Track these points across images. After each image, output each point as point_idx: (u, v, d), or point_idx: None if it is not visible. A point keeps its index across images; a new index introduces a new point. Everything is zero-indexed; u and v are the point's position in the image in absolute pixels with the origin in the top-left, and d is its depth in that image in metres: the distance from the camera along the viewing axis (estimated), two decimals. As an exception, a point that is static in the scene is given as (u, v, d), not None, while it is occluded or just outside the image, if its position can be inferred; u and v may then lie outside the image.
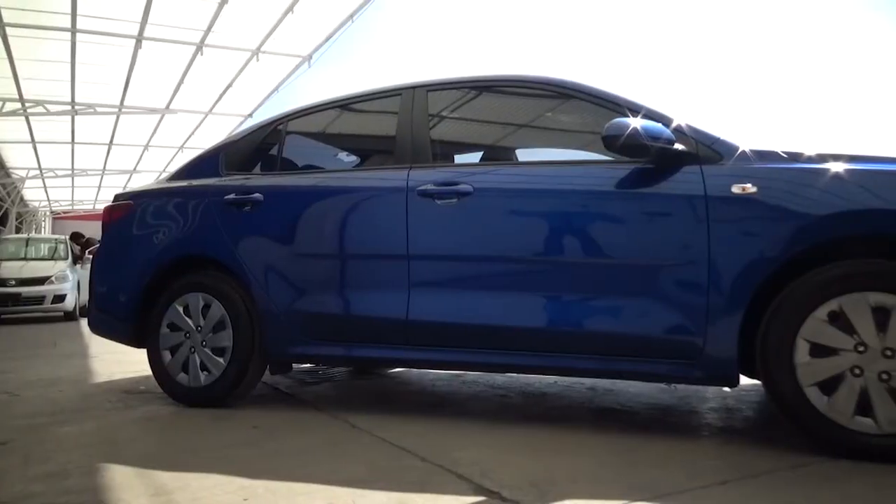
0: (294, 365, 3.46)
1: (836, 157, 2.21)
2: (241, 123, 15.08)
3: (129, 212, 3.45)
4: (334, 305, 2.89)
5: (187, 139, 16.97)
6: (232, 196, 3.15)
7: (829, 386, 2.08)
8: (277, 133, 3.38)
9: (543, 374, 3.58)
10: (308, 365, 4.20)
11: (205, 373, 3.06)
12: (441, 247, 2.71)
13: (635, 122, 2.35)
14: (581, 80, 2.70)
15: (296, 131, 3.42)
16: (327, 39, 11.30)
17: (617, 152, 2.40)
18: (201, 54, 11.15)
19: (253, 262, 3.05)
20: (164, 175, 4.08)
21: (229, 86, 13.07)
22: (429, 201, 2.71)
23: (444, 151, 3.12)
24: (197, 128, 16.00)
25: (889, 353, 2.02)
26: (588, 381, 3.56)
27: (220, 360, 3.03)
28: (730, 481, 1.89)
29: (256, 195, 3.10)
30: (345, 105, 3.36)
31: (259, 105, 14.65)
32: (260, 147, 3.45)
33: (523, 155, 3.08)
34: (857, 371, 2.05)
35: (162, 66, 11.68)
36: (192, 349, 3.09)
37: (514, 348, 2.58)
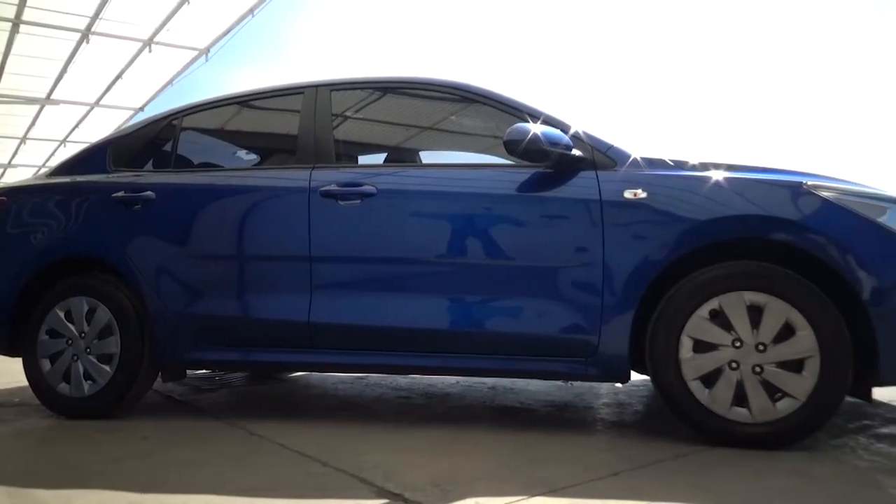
0: (188, 371, 3.31)
1: (717, 166, 2.38)
2: (132, 117, 14.28)
3: (2, 209, 3.18)
4: (233, 308, 2.79)
5: (70, 132, 15.87)
6: (121, 194, 2.98)
7: (710, 379, 2.24)
8: (172, 128, 3.22)
9: (446, 375, 3.62)
10: (203, 371, 4.04)
11: (89, 382, 2.87)
12: (344, 248, 2.68)
13: (536, 128, 2.42)
14: (484, 85, 2.75)
15: (192, 127, 3.27)
16: (226, 33, 10.92)
17: (518, 157, 2.47)
18: (87, 42, 10.47)
19: (144, 264, 2.89)
20: (44, 170, 3.79)
21: (118, 77, 12.35)
22: (332, 202, 2.68)
23: (348, 152, 3.09)
24: (82, 120, 15.00)
25: (762, 347, 2.19)
26: (489, 381, 3.63)
27: (107, 367, 2.85)
28: (621, 472, 1.98)
29: (148, 193, 2.94)
30: (244, 102, 3.25)
31: (151, 98, 13.94)
32: (152, 142, 3.28)
33: (427, 157, 3.10)
34: (734, 365, 2.21)
35: (43, 53, 10.86)
36: (75, 357, 2.89)
37: (418, 350, 2.59)
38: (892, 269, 2.19)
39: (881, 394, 2.87)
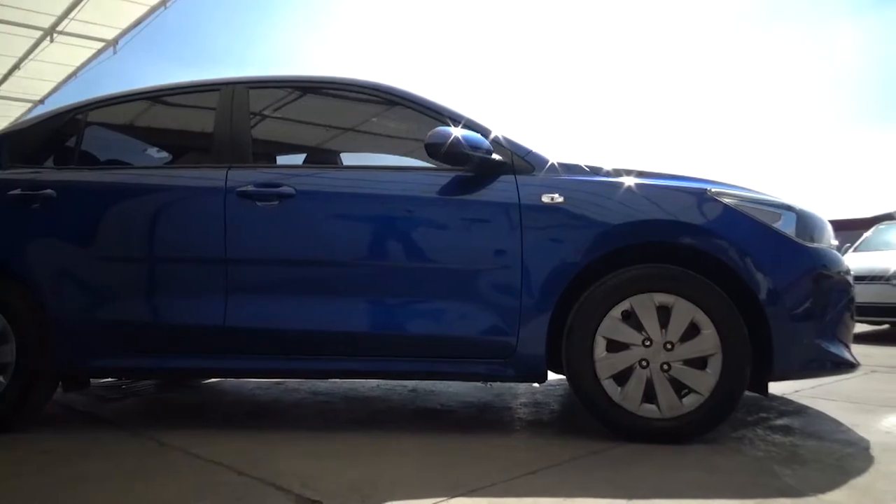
0: (92, 380, 3.14)
1: (629, 172, 2.49)
2: (31, 110, 13.40)
3: None
4: (142, 313, 2.66)
5: (-39, 124, 14.74)
6: (18, 191, 2.79)
7: (622, 377, 2.33)
8: (76, 123, 3.04)
9: (367, 379, 3.59)
10: (108, 380, 3.83)
11: (-20, 393, 2.66)
12: (261, 250, 2.61)
13: (457, 132, 2.45)
14: (406, 87, 2.75)
15: (98, 122, 3.10)
16: (136, 25, 10.42)
17: (439, 160, 2.49)
18: (-19, 29, 9.76)
19: (44, 267, 2.71)
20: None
21: (16, 66, 11.56)
22: (248, 203, 2.60)
23: (266, 152, 3.03)
24: (-26, 111, 13.96)
25: (669, 346, 2.30)
26: (410, 383, 3.63)
27: (1, 378, 2.66)
28: (539, 470, 2.03)
29: (48, 191, 2.77)
30: (156, 97, 3.12)
31: (53, 91, 13.13)
32: (54, 137, 3.09)
33: (348, 159, 3.08)
34: (644, 363, 2.31)
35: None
36: (-36, 367, 2.68)
37: (337, 353, 2.56)
38: (785, 272, 2.35)
39: (776, 388, 3.07)
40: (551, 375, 2.53)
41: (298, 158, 3.16)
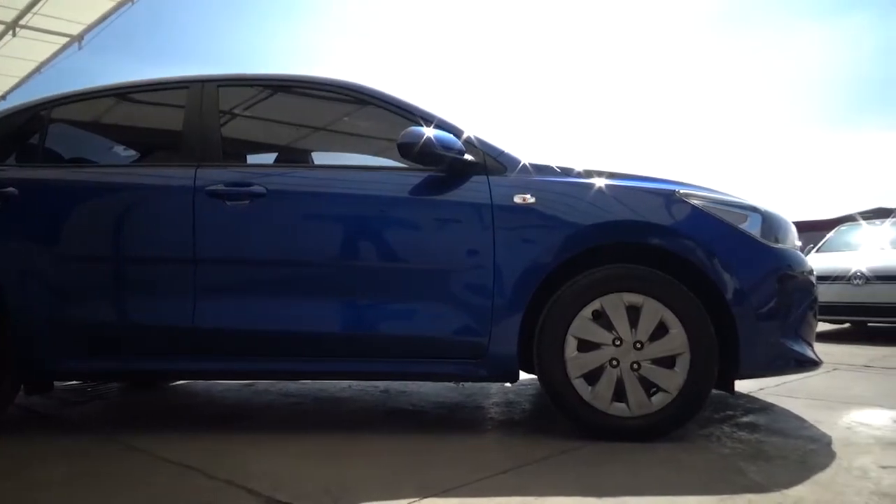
0: (56, 383, 3.06)
1: (600, 174, 2.51)
2: (-8, 106, 13.04)
3: None
4: (108, 314, 2.61)
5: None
6: (-23, 190, 2.71)
7: (592, 377, 2.35)
8: (39, 119, 2.97)
9: (339, 380, 3.57)
10: (72, 382, 3.75)
11: (-62, 397, 2.58)
12: (231, 250, 2.58)
13: (429, 132, 2.45)
14: (377, 87, 2.74)
15: (63, 119, 3.03)
16: (103, 20, 10.20)
17: (412, 160, 2.49)
18: (-62, 22, 9.46)
19: (5, 266, 2.64)
20: None
21: (-25, 61, 11.26)
22: (218, 202, 2.57)
23: (236, 151, 2.99)
24: (-69, 107, 13.53)
25: (639, 345, 2.33)
26: (381, 384, 3.61)
27: (-41, 381, 2.58)
28: (510, 470, 2.04)
29: (10, 189, 2.69)
30: (123, 94, 3.05)
31: (16, 86, 12.79)
32: (16, 134, 3.00)
33: (319, 158, 3.05)
34: (614, 362, 2.34)
35: None
36: (-79, 370, 2.60)
37: (308, 354, 2.54)
38: (751, 272, 2.40)
39: (742, 386, 3.13)
40: (523, 375, 2.55)
41: (269, 158, 3.13)
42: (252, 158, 3.15)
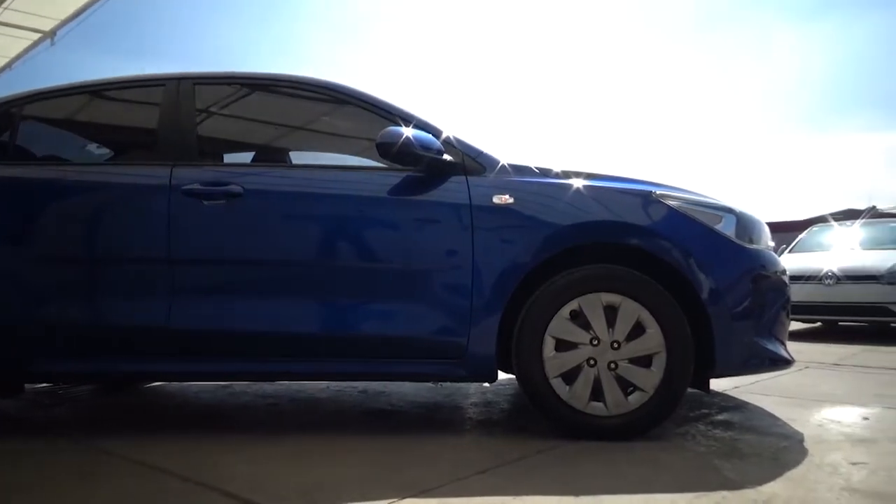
0: (27, 385, 3.01)
1: (578, 174, 2.53)
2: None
3: None
4: (82, 315, 2.56)
5: None
6: (-56, 188, 2.65)
7: (570, 376, 2.37)
8: (10, 117, 2.90)
9: (316, 380, 3.55)
10: (44, 384, 3.68)
11: None
12: (208, 250, 2.55)
13: (408, 132, 2.44)
14: (356, 87, 2.73)
15: (34, 116, 2.98)
16: (76, 16, 10.04)
17: (390, 160, 2.48)
18: None
19: (-27, 267, 2.58)
20: None
21: (-56, 56, 11.00)
22: (195, 202, 2.54)
23: (213, 150, 2.95)
24: None
25: (616, 345, 2.35)
26: (360, 385, 3.60)
27: (-74, 384, 2.52)
28: (488, 470, 2.04)
29: (-21, 188, 2.64)
30: (97, 91, 3.00)
31: (-15, 82, 12.53)
32: (-15, 132, 2.94)
33: (297, 158, 3.03)
34: (591, 362, 2.35)
35: None
36: None
37: (286, 355, 2.53)
38: (726, 272, 2.43)
39: (717, 384, 3.18)
40: (501, 375, 2.55)
41: (247, 157, 3.10)
42: (229, 158, 3.11)
